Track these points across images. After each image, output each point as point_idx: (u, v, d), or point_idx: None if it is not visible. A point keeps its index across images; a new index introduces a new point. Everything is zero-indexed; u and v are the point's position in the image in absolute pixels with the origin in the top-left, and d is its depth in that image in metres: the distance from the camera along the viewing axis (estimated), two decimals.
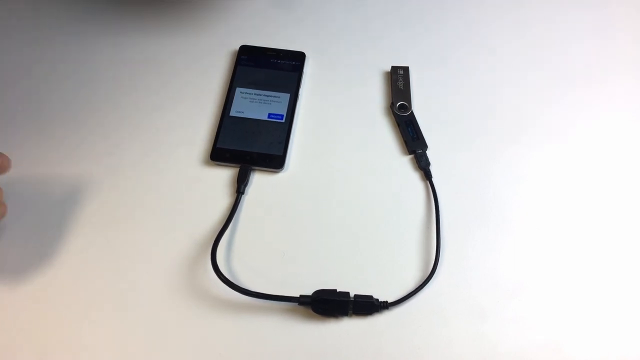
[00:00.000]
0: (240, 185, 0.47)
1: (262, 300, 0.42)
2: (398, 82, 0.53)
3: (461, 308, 0.42)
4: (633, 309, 0.43)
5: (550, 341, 0.41)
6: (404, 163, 0.49)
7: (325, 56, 0.55)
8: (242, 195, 0.47)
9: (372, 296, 0.42)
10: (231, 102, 0.51)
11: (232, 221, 0.45)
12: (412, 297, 0.42)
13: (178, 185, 0.48)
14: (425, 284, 0.43)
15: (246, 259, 0.44)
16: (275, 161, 0.48)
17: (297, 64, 0.54)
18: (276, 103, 0.51)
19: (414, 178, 0.48)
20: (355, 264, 0.44)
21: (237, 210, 0.46)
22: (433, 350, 0.41)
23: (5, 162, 0.41)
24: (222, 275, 0.42)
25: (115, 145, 0.49)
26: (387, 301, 0.42)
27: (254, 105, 0.51)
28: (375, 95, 0.53)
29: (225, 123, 0.50)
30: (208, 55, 0.55)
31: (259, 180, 0.48)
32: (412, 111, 0.51)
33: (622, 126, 0.51)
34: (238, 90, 0.52)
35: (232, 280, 0.42)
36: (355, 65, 0.55)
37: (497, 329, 0.42)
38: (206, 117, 0.51)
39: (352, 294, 0.42)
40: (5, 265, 0.44)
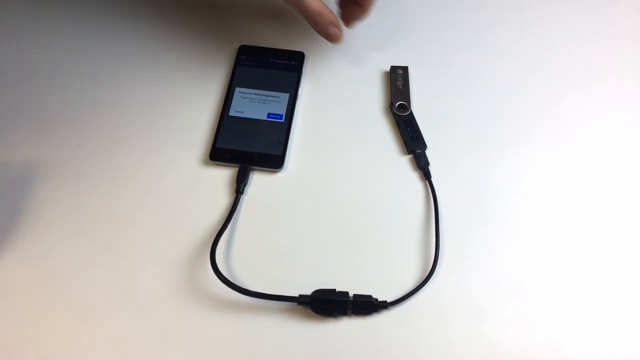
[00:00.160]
0: (239, 185, 0.47)
1: (261, 300, 0.42)
2: (397, 81, 0.53)
3: (461, 308, 0.42)
4: (633, 309, 0.43)
5: (550, 341, 0.41)
6: (403, 163, 0.49)
7: (324, 56, 0.55)
8: (242, 195, 0.47)
9: (371, 296, 0.42)
10: (230, 102, 0.51)
11: (231, 221, 0.45)
12: (411, 296, 0.42)
13: (177, 185, 0.48)
14: (425, 284, 0.43)
15: (245, 258, 0.44)
16: (275, 161, 0.48)
17: (296, 63, 0.54)
18: (275, 103, 0.51)
19: (413, 178, 0.48)
20: (355, 264, 0.44)
21: (237, 210, 0.46)
22: (433, 350, 0.41)
23: None
24: (221, 275, 0.42)
25: (114, 145, 0.49)
26: (386, 301, 0.42)
27: (253, 105, 0.51)
28: (375, 95, 0.53)
29: (225, 123, 0.50)
30: (207, 55, 0.55)
31: (258, 180, 0.48)
32: (411, 111, 0.51)
33: (622, 127, 0.51)
34: (237, 90, 0.52)
35: (231, 280, 0.42)
36: (354, 65, 0.55)
37: (497, 329, 0.42)
38: (205, 117, 0.51)
39: (351, 294, 0.42)
40: (5, 264, 0.44)
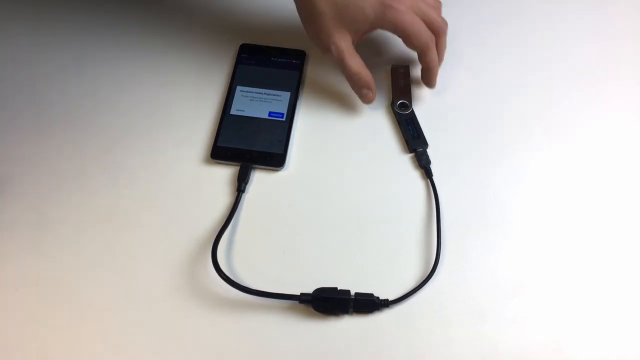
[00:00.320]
0: (240, 183, 0.47)
1: (262, 298, 0.42)
2: (399, 80, 0.53)
3: (461, 308, 0.42)
4: (633, 309, 0.43)
5: (550, 341, 0.41)
6: (405, 161, 0.49)
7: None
8: (243, 194, 0.47)
9: (372, 294, 0.42)
10: (231, 101, 0.51)
11: (232, 219, 0.45)
12: (412, 295, 0.43)
13: (178, 183, 0.48)
14: (426, 282, 0.43)
15: (247, 257, 0.44)
16: (276, 160, 0.48)
17: (297, 62, 0.54)
18: (277, 101, 0.51)
19: (414, 176, 0.48)
20: (356, 262, 0.44)
21: (238, 209, 0.46)
22: (434, 349, 0.41)
23: None
24: (223, 273, 0.42)
25: (115, 144, 0.49)
26: (387, 299, 0.42)
27: (254, 103, 0.51)
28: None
29: (226, 121, 0.50)
30: (208, 53, 0.55)
31: (259, 178, 0.48)
32: (412, 110, 0.51)
33: (622, 127, 0.51)
34: (238, 88, 0.52)
35: (232, 278, 0.42)
36: None
37: (497, 329, 0.42)
38: (206, 116, 0.51)
39: (352, 292, 0.42)
40: (6, 264, 0.44)
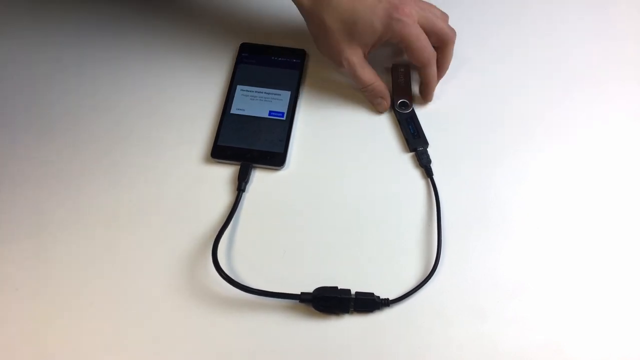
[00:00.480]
0: (241, 182, 0.47)
1: (263, 297, 0.42)
2: (399, 79, 0.53)
3: (461, 307, 0.42)
4: (633, 309, 0.43)
5: (550, 341, 0.41)
6: (405, 161, 0.49)
7: None
8: (243, 193, 0.47)
9: (373, 293, 0.42)
10: (232, 100, 0.51)
11: (233, 219, 0.45)
12: (413, 294, 0.42)
13: (179, 182, 0.48)
14: (427, 281, 0.43)
15: (247, 256, 0.44)
16: (276, 159, 0.48)
17: (297, 61, 0.54)
18: (277, 101, 0.51)
19: (414, 176, 0.48)
20: (357, 262, 0.44)
21: (238, 208, 0.46)
22: (434, 349, 0.41)
23: None
24: (224, 273, 0.42)
25: (115, 144, 0.49)
26: (388, 298, 0.42)
27: (254, 102, 0.51)
28: None
29: (226, 121, 0.50)
30: (208, 53, 0.54)
31: (259, 177, 0.48)
32: (413, 109, 0.51)
33: (624, 128, 0.51)
34: (239, 87, 0.52)
35: (233, 278, 0.42)
36: None
37: (497, 329, 0.42)
38: (207, 115, 0.51)
39: (353, 292, 0.42)
40: (6, 264, 0.44)
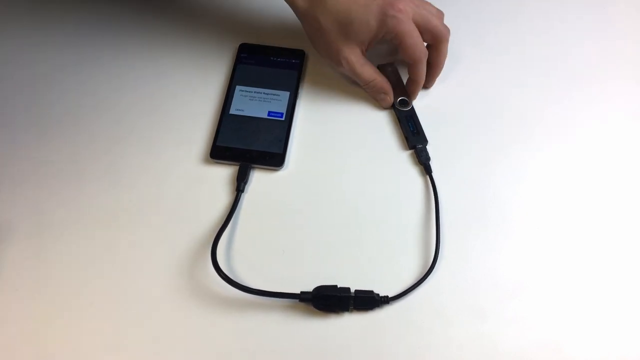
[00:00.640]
0: (240, 183, 0.47)
1: (263, 297, 0.42)
2: (390, 78, 0.51)
3: (461, 307, 0.42)
4: (633, 309, 0.42)
5: (550, 341, 0.41)
6: (404, 158, 0.49)
7: None
8: (242, 193, 0.47)
9: (372, 291, 0.42)
10: (231, 100, 0.51)
11: (232, 219, 0.45)
12: (413, 291, 0.42)
13: (178, 183, 0.48)
14: (427, 277, 0.43)
15: (246, 256, 0.44)
16: (275, 159, 0.48)
17: (296, 61, 0.54)
18: (276, 101, 0.51)
19: (414, 173, 0.48)
20: (356, 260, 0.44)
21: (237, 208, 0.46)
22: (434, 349, 0.41)
23: None
24: (223, 273, 0.42)
25: (114, 144, 0.50)
26: (387, 296, 0.42)
27: (253, 103, 0.51)
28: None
29: (225, 121, 0.50)
30: (208, 53, 0.55)
31: (258, 178, 0.48)
32: (412, 106, 0.51)
33: (622, 127, 0.51)
34: (238, 88, 0.52)
35: (232, 278, 0.42)
36: None
37: (497, 329, 0.41)
38: (206, 115, 0.51)
39: (352, 290, 0.42)
40: (6, 265, 0.44)
